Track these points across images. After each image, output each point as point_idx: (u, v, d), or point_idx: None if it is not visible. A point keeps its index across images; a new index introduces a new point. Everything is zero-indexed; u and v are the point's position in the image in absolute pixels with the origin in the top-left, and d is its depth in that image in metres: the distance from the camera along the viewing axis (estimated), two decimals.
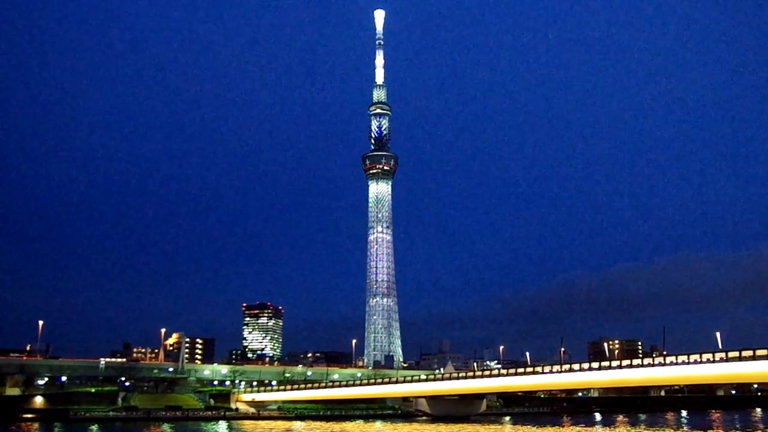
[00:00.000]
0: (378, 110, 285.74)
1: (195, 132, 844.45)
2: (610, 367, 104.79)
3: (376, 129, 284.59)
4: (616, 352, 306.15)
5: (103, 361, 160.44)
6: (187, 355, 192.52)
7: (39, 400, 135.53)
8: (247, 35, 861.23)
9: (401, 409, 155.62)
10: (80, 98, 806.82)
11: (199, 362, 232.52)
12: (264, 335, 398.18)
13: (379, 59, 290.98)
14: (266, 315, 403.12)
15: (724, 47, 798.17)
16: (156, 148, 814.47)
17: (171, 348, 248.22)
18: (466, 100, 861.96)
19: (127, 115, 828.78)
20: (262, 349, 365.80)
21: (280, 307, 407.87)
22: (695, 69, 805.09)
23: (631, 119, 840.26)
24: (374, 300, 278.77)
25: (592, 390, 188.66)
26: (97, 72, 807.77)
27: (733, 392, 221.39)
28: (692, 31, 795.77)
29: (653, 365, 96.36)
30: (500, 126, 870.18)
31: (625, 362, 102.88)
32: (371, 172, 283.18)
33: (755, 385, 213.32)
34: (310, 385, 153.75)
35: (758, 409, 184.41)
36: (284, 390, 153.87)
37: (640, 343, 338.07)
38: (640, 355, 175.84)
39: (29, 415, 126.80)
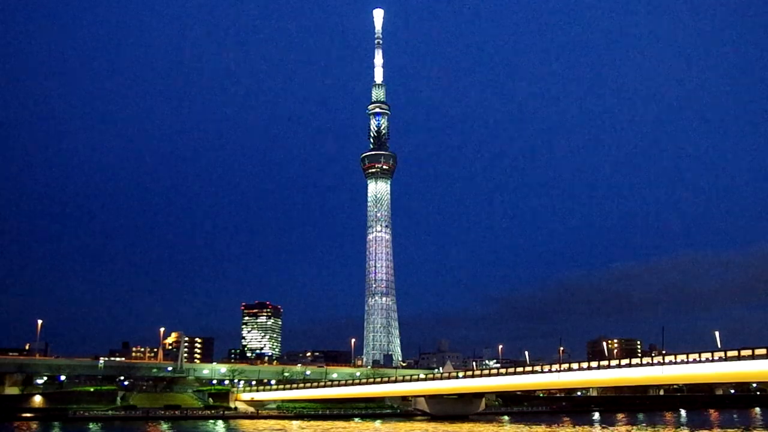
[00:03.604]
0: (377, 109, 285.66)
1: (194, 132, 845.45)
2: (608, 367, 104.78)
3: (375, 128, 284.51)
4: (615, 351, 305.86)
5: (102, 360, 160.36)
6: (186, 355, 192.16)
7: (38, 399, 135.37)
8: (246, 34, 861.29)
9: (400, 409, 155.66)
10: (81, 98, 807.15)
11: (198, 361, 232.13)
12: (263, 334, 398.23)
13: (378, 58, 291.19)
14: (265, 314, 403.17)
15: (725, 47, 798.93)
16: (155, 148, 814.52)
17: (170, 347, 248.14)
18: (465, 100, 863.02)
19: (127, 116, 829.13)
20: (261, 349, 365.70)
21: (279, 307, 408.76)
22: (695, 68, 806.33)
23: (631, 119, 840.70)
24: (373, 299, 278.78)
25: (590, 389, 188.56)
26: (97, 72, 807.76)
27: (732, 391, 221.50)
28: (694, 30, 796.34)
29: (652, 364, 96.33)
30: (500, 125, 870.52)
31: (624, 361, 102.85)
32: (370, 171, 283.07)
33: (754, 385, 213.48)
34: (309, 385, 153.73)
35: (757, 409, 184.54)
36: (283, 389, 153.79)
37: (639, 343, 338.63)
38: (639, 355, 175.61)
39: (28, 414, 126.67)
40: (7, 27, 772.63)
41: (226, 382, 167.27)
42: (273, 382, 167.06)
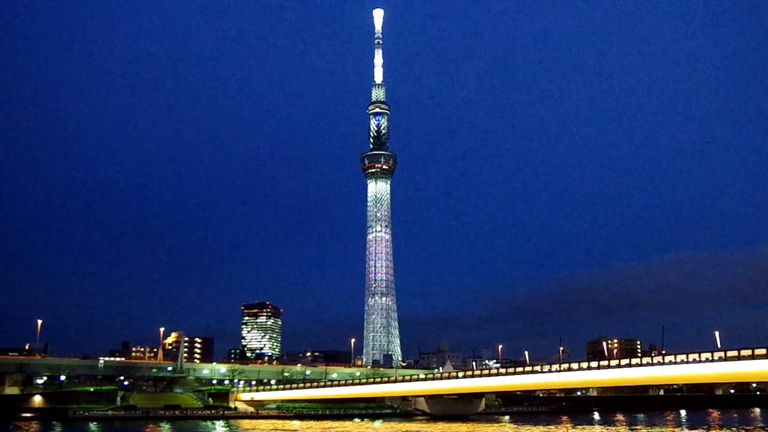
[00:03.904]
0: (377, 109, 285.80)
1: (194, 132, 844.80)
2: (608, 367, 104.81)
3: (375, 128, 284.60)
4: (615, 351, 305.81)
5: (101, 360, 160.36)
6: (185, 355, 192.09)
7: (38, 399, 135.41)
8: (246, 34, 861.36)
9: (400, 409, 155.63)
10: (81, 98, 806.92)
11: (197, 361, 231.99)
12: (263, 334, 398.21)
13: (378, 58, 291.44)
14: (265, 314, 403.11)
15: (725, 47, 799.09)
16: (155, 147, 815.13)
17: (170, 347, 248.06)
18: (465, 99, 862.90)
19: (127, 116, 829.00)
20: (261, 349, 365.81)
21: (279, 307, 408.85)
22: (695, 68, 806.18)
23: (631, 119, 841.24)
24: (373, 299, 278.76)
25: (590, 389, 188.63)
26: (98, 72, 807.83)
27: (732, 391, 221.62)
28: (693, 30, 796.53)
29: (652, 364, 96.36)
30: (499, 125, 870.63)
31: (624, 361, 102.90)
32: (370, 171, 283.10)
33: (754, 384, 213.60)
34: (308, 385, 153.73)
35: (757, 409, 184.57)
36: (283, 389, 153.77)
37: (638, 342, 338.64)
38: (639, 355, 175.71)
39: (28, 414, 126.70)
40: (8, 26, 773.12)
41: (226, 382, 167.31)
42: (273, 382, 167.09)
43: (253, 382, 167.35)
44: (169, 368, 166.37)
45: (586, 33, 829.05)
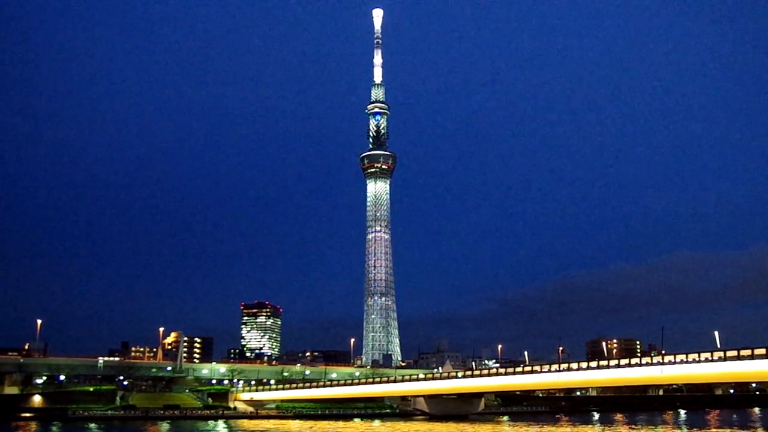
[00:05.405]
0: (376, 109, 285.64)
1: (193, 131, 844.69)
2: (608, 366, 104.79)
3: (375, 128, 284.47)
4: (615, 351, 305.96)
5: (101, 360, 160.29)
6: (185, 354, 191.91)
7: (37, 399, 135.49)
8: (246, 34, 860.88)
9: (399, 408, 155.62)
10: (80, 97, 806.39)
11: (197, 361, 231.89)
12: (262, 334, 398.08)
13: (378, 58, 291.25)
14: (264, 314, 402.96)
15: (725, 47, 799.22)
16: (155, 147, 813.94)
17: (169, 347, 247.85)
18: (464, 99, 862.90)
19: (127, 116, 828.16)
20: (261, 348, 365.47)
21: (279, 306, 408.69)
22: (695, 68, 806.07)
23: (630, 119, 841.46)
24: (372, 299, 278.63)
25: (590, 389, 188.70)
26: (98, 71, 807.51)
27: (732, 391, 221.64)
28: (693, 30, 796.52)
29: (652, 364, 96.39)
30: (499, 125, 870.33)
31: (624, 361, 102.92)
32: (370, 171, 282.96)
33: (753, 384, 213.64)
34: (308, 384, 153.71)
35: (756, 408, 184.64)
36: (282, 389, 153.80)
37: (638, 342, 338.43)
38: (639, 354, 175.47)
39: (28, 414, 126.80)
40: (7, 26, 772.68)
41: (226, 381, 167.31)
42: (272, 381, 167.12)
43: (253, 382, 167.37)
44: (169, 368, 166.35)
45: (586, 33, 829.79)
